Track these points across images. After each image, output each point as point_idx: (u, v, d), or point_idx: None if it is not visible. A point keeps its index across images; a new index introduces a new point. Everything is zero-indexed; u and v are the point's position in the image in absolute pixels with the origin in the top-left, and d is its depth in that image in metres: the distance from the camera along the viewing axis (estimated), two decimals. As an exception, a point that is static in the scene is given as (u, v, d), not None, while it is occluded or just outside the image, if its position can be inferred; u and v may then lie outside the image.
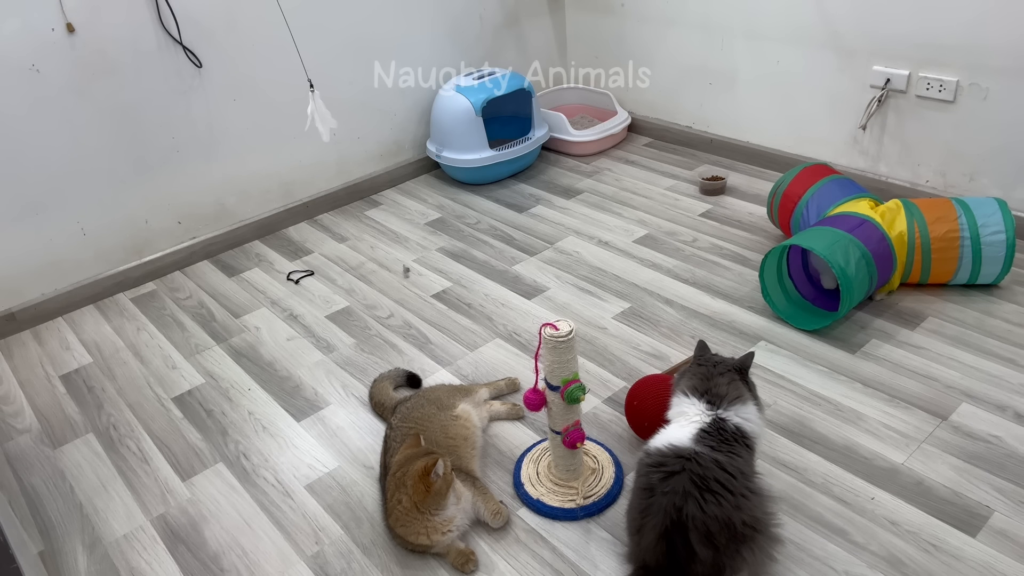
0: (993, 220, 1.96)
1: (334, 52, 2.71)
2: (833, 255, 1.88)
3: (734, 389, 1.39)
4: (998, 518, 1.47)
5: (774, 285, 2.10)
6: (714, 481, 1.26)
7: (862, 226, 1.98)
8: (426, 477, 1.40)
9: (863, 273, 1.91)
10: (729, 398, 1.38)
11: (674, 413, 1.42)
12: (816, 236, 1.94)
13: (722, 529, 1.23)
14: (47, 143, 2.24)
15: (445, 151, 2.92)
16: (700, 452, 1.29)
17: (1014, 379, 1.79)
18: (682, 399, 1.41)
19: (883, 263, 1.97)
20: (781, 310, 2.06)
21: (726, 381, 1.40)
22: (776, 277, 2.10)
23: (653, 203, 2.73)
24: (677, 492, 1.25)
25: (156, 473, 1.77)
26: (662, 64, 3.08)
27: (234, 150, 2.61)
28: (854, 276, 1.88)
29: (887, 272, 2.00)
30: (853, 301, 1.92)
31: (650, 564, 1.28)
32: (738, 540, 1.24)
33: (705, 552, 1.23)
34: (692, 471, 1.27)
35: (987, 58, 2.19)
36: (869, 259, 1.92)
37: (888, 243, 1.97)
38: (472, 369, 2.00)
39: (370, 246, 2.64)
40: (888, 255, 1.97)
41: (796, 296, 2.11)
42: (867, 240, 1.94)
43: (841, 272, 1.86)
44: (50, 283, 2.38)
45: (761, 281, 2.08)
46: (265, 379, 2.04)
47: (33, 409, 2.02)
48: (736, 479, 1.27)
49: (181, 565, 1.54)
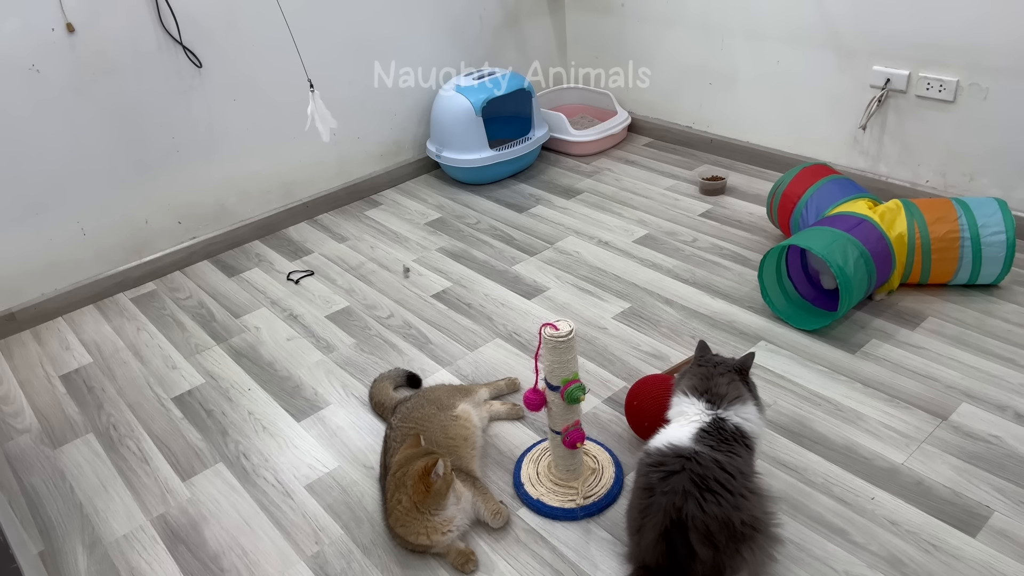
0: (993, 220, 1.96)
1: (334, 52, 2.72)
2: (831, 254, 1.88)
3: (734, 389, 1.39)
4: (998, 518, 1.47)
5: (773, 285, 2.10)
6: (714, 481, 1.26)
7: (860, 225, 1.98)
8: (426, 477, 1.40)
9: (862, 272, 1.91)
10: (729, 398, 1.38)
11: (674, 413, 1.42)
12: (814, 236, 1.94)
13: (722, 528, 1.23)
14: (47, 143, 2.24)
15: (445, 151, 2.92)
16: (700, 452, 1.29)
17: (1014, 379, 1.79)
18: (682, 399, 1.41)
19: (882, 262, 1.97)
20: (780, 310, 2.06)
21: (726, 381, 1.40)
22: (775, 277, 2.10)
23: (653, 203, 2.73)
24: (677, 492, 1.25)
25: (156, 473, 1.77)
26: (662, 64, 3.08)
27: (234, 150, 2.61)
28: (853, 275, 1.88)
29: (886, 271, 2.00)
30: (852, 300, 1.92)
31: (650, 564, 1.28)
32: (738, 539, 1.24)
33: (705, 552, 1.23)
34: (692, 471, 1.27)
35: (987, 58, 2.19)
36: (868, 258, 1.92)
37: (887, 242, 1.97)
38: (472, 369, 2.00)
39: (370, 246, 2.64)
40: (887, 254, 1.97)
41: (796, 296, 2.11)
42: (865, 239, 1.94)
43: (840, 271, 1.86)
44: (50, 283, 2.38)
45: (760, 281, 2.08)
46: (265, 379, 2.04)
47: (33, 409, 2.02)
48: (735, 479, 1.27)
49: (181, 565, 1.54)
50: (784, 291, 2.11)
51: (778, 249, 2.02)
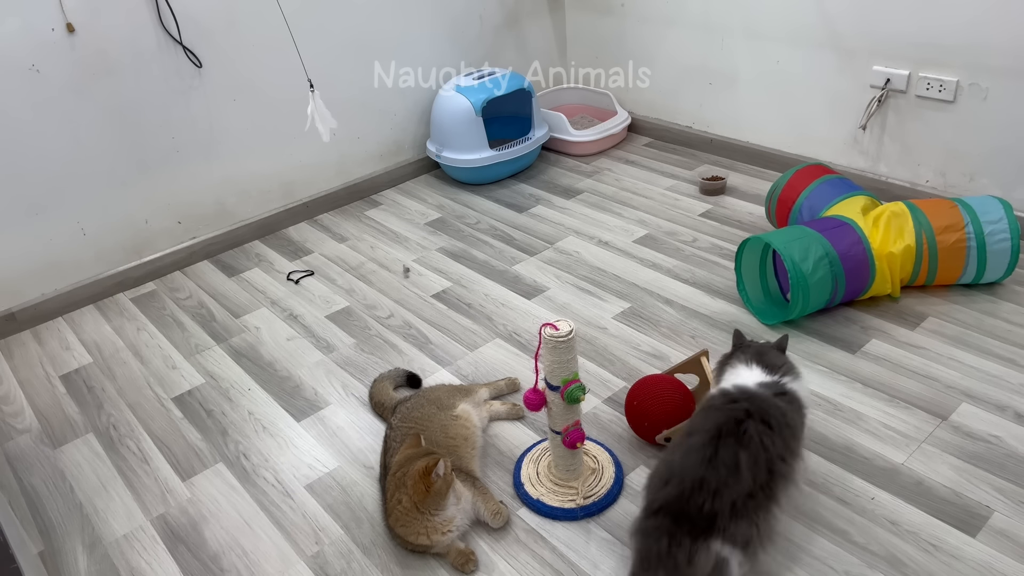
0: (999, 227, 1.95)
1: (334, 52, 2.72)
2: (790, 250, 1.89)
3: (786, 363, 1.46)
4: (998, 518, 1.47)
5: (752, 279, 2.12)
6: (775, 420, 1.32)
7: (839, 228, 1.97)
8: (426, 477, 1.40)
9: (824, 272, 1.91)
10: (784, 369, 1.44)
11: (728, 379, 1.45)
12: (781, 233, 1.96)
13: (770, 459, 1.27)
14: (47, 143, 2.24)
15: (445, 151, 2.92)
16: (765, 396, 1.35)
17: (1014, 379, 1.79)
18: (738, 368, 1.45)
19: (854, 266, 1.95)
20: (754, 304, 2.08)
21: (777, 355, 1.47)
22: (758, 272, 2.12)
23: (653, 203, 2.73)
24: (741, 411, 1.31)
25: (156, 473, 1.77)
26: (662, 64, 3.08)
27: (234, 150, 2.61)
28: (810, 272, 1.89)
29: (860, 276, 1.97)
30: (809, 298, 1.92)
31: (685, 472, 1.25)
32: (774, 480, 1.27)
33: (744, 474, 1.24)
34: (758, 405, 1.33)
35: (987, 58, 2.19)
36: (834, 259, 1.92)
37: (864, 246, 1.96)
38: (472, 369, 2.00)
39: (370, 246, 2.64)
40: (862, 258, 1.95)
41: (778, 295, 2.12)
42: (837, 241, 1.94)
43: (793, 266, 1.88)
44: (50, 283, 2.38)
45: (737, 273, 2.10)
46: (265, 379, 2.04)
47: (33, 409, 2.02)
48: (792, 429, 1.34)
49: (181, 565, 1.54)
50: (765, 287, 2.12)
51: (749, 242, 2.04)
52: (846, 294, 1.99)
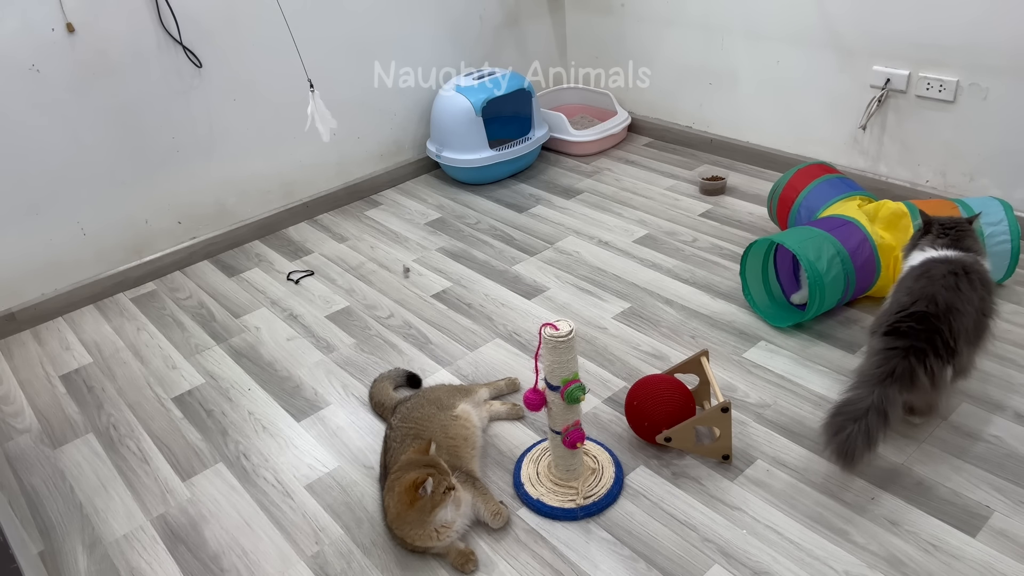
0: (999, 229, 1.95)
1: (334, 52, 2.72)
2: (804, 250, 1.88)
3: (978, 244, 1.64)
4: (998, 518, 1.47)
5: (756, 283, 2.11)
6: (985, 277, 1.56)
7: (844, 226, 1.97)
8: (412, 491, 1.40)
9: (837, 271, 1.91)
10: (975, 249, 1.62)
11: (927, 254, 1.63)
12: (791, 233, 1.96)
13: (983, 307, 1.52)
14: (47, 143, 2.24)
15: (445, 151, 2.92)
16: (973, 260, 1.58)
17: (1014, 379, 1.79)
18: (927, 249, 1.63)
19: (863, 264, 1.95)
20: (761, 308, 2.07)
21: (968, 234, 1.64)
22: (760, 275, 2.11)
23: (653, 203, 2.73)
24: (961, 265, 1.54)
25: (156, 473, 1.77)
26: (662, 64, 3.08)
27: (234, 150, 2.61)
28: (825, 271, 1.88)
29: (869, 273, 1.98)
30: (825, 297, 1.92)
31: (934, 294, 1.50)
32: (979, 332, 1.53)
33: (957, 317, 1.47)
34: (970, 266, 1.55)
35: (987, 58, 2.19)
36: (845, 257, 1.92)
37: (871, 244, 1.96)
38: (472, 369, 2.00)
39: (370, 246, 2.64)
40: (870, 256, 1.96)
41: (781, 298, 2.12)
42: (846, 239, 1.94)
43: (810, 265, 1.87)
44: (50, 283, 2.38)
45: (742, 277, 2.09)
46: (265, 379, 2.04)
47: (33, 409, 2.02)
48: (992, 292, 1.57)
49: (181, 565, 1.54)
50: (769, 291, 2.11)
51: (755, 245, 2.03)
52: (854, 292, 2.00)
